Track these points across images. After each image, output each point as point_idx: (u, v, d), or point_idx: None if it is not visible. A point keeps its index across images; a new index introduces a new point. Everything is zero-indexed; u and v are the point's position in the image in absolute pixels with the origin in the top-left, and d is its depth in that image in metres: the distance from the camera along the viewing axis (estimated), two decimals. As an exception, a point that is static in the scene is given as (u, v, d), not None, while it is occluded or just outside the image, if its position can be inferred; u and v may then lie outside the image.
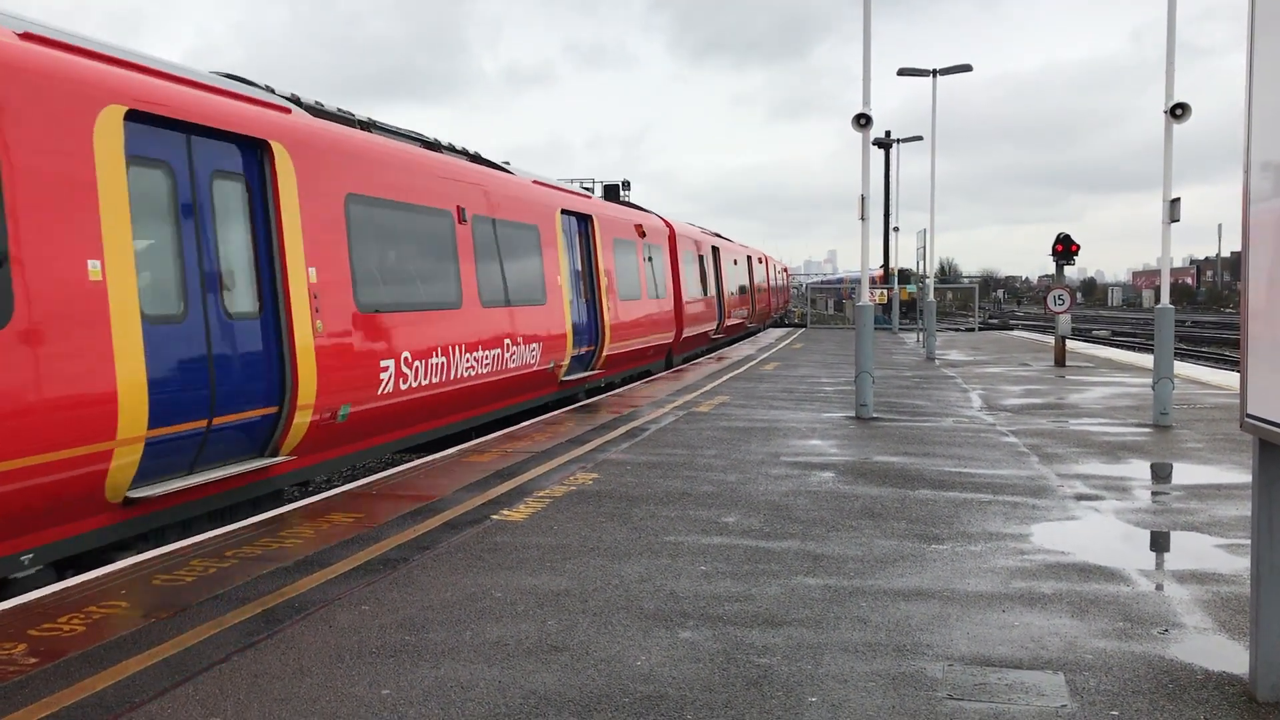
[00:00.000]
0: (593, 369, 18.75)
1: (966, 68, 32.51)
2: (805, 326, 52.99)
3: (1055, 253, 25.60)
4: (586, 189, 25.38)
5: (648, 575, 6.75)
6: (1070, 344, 30.33)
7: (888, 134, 51.35)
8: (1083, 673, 5.06)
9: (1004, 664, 5.17)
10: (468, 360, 13.10)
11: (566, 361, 16.99)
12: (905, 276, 49.32)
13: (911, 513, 8.67)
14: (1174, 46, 14.35)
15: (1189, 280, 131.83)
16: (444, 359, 12.45)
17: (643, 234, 23.15)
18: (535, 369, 15.56)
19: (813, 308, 63.19)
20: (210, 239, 8.81)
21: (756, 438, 12.84)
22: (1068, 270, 26.41)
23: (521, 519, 8.35)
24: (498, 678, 4.99)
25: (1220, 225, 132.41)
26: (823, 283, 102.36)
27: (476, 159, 15.36)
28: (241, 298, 9.18)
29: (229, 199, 9.15)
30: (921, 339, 33.83)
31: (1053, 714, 4.57)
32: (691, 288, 27.74)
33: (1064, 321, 25.84)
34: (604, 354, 19.10)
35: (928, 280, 36.28)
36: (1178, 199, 14.60)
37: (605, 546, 7.48)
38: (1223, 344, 46.93)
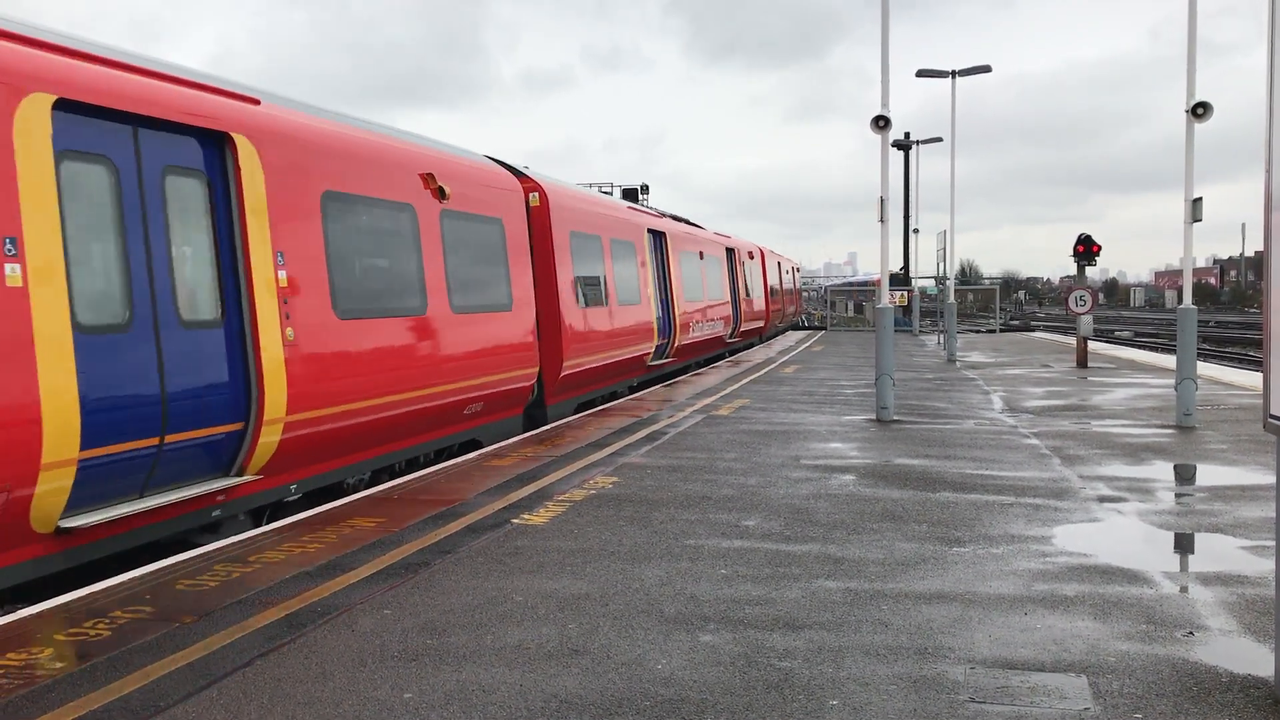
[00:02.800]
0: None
1: (986, 69, 32.38)
2: (825, 329, 52.90)
3: (1076, 253, 25.49)
4: (605, 192, 25.42)
5: (668, 579, 6.75)
6: (1092, 345, 30.15)
7: (907, 135, 51.21)
8: (1105, 675, 5.04)
9: (1026, 666, 5.15)
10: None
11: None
12: (897, 279, 46.97)
13: (933, 515, 8.65)
14: (1195, 45, 14.27)
15: (1212, 280, 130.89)
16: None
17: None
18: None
19: (832, 310, 63.07)
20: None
21: (777, 441, 12.82)
22: (1089, 271, 26.29)
23: (542, 523, 8.37)
24: (519, 681, 5.00)
25: (1243, 224, 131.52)
26: (843, 284, 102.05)
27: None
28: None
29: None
30: (942, 341, 33.69)
31: (1075, 717, 4.55)
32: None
33: (1086, 322, 25.70)
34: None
35: (948, 282, 36.14)
36: (1200, 199, 14.51)
37: (626, 550, 7.49)
38: (1246, 344, 46.55)
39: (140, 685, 4.95)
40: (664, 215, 26.75)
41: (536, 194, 15.96)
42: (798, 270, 63.39)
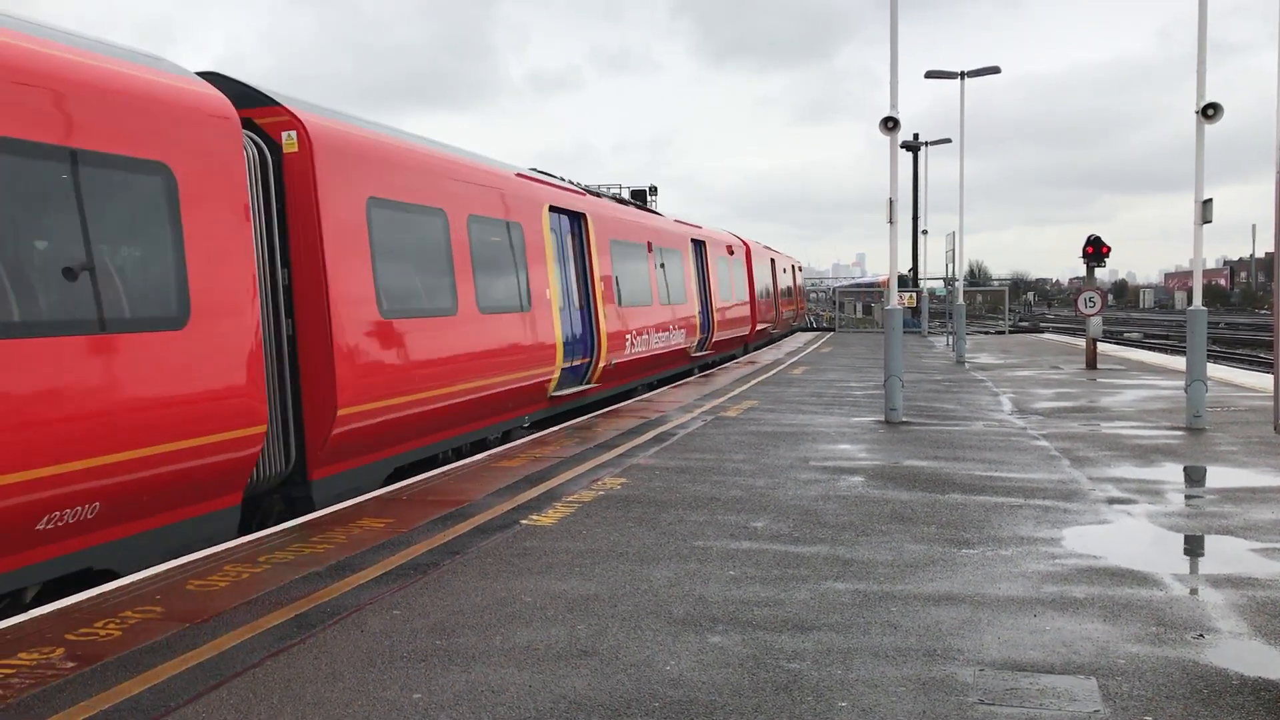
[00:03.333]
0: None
1: (994, 70, 32.34)
2: (834, 330, 52.85)
3: (1086, 254, 25.41)
4: (615, 195, 25.41)
5: (676, 580, 6.75)
6: (1102, 346, 30.08)
7: (915, 137, 51.15)
8: (1115, 678, 5.03)
9: (1035, 669, 5.15)
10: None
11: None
12: (904, 280, 45.96)
13: (942, 517, 8.63)
14: (1205, 45, 14.22)
15: (1222, 281, 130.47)
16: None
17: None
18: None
19: (841, 311, 63.02)
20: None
21: (785, 442, 12.82)
22: (1099, 272, 26.20)
23: (551, 524, 8.38)
24: (528, 682, 5.01)
25: (1254, 225, 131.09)
26: (851, 286, 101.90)
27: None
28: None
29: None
30: (951, 342, 33.64)
31: (1085, 719, 4.55)
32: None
33: (1095, 324, 25.63)
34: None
35: (957, 283, 36.07)
36: (1210, 200, 14.47)
37: (634, 551, 7.49)
38: (1257, 346, 46.40)
39: (150, 685, 4.97)
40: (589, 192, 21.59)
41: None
42: (799, 269, 56.26)
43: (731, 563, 7.18)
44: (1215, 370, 22.34)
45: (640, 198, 29.26)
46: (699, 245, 27.49)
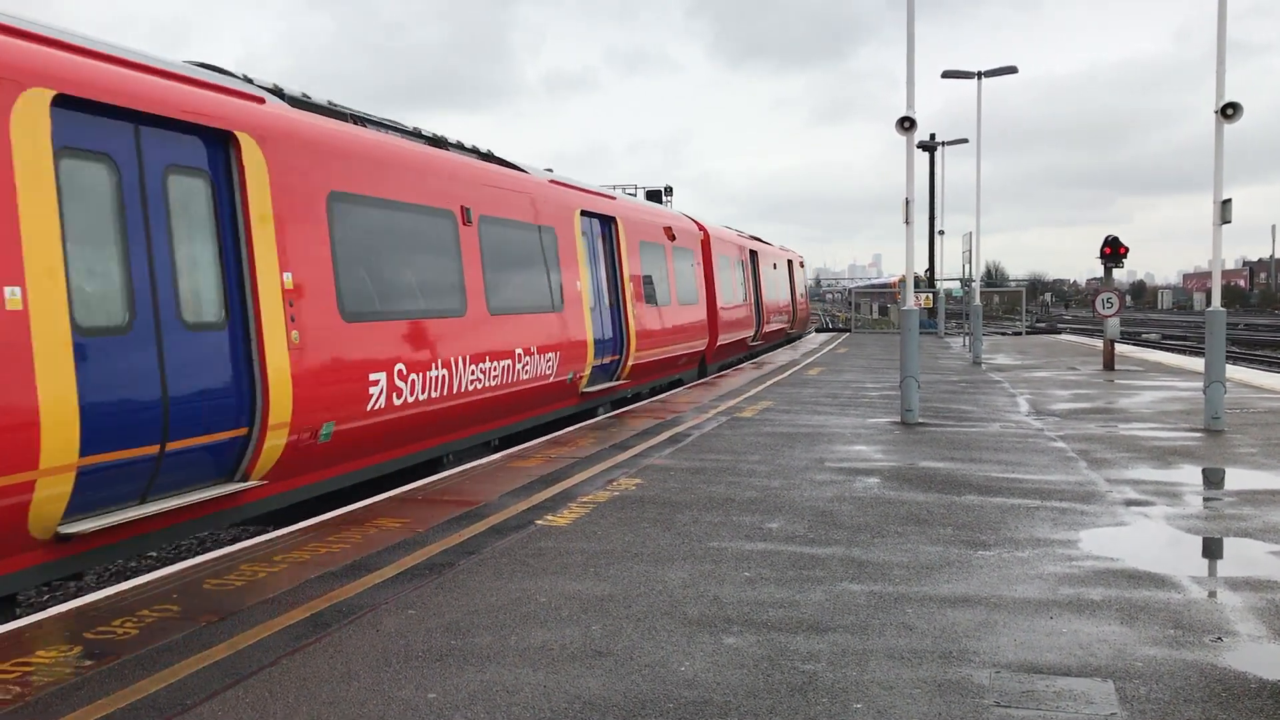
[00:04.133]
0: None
1: (1012, 69, 32.22)
2: (850, 331, 52.77)
3: (1103, 255, 25.29)
4: (629, 194, 25.39)
5: (691, 581, 6.75)
6: (1119, 348, 29.94)
7: (932, 137, 51.01)
8: (1133, 680, 5.00)
9: (1052, 671, 5.12)
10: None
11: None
12: (920, 281, 44.51)
13: (958, 518, 8.60)
14: (1224, 45, 14.13)
15: (1241, 282, 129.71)
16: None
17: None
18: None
19: (856, 312, 62.90)
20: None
21: (801, 443, 12.79)
22: (1116, 273, 26.05)
23: (565, 524, 8.38)
24: (543, 682, 5.01)
25: (1274, 226, 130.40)
26: (866, 287, 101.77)
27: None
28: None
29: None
30: (968, 343, 33.52)
31: (1102, 722, 4.52)
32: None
33: (1113, 325, 25.50)
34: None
35: (974, 284, 35.94)
36: (1229, 200, 14.38)
37: (649, 552, 7.49)
38: (1276, 347, 46.10)
39: (167, 684, 4.99)
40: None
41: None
42: (801, 265, 46.71)
43: (746, 564, 7.17)
44: (1234, 371, 22.21)
45: (655, 198, 29.25)
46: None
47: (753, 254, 32.51)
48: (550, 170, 17.72)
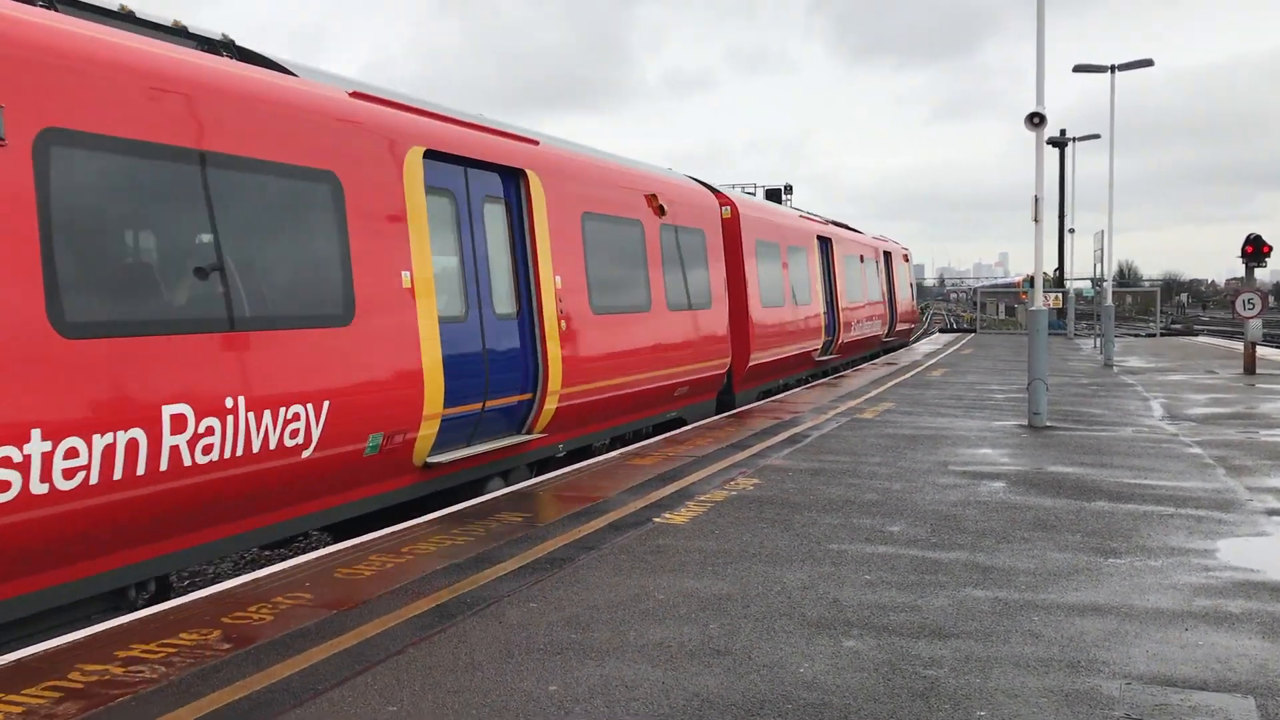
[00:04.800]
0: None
1: (1148, 62, 31.08)
2: (974, 331, 51.67)
3: (1245, 254, 24.32)
4: (749, 193, 25.32)
5: (810, 582, 6.71)
6: (1261, 350, 28.63)
7: (1062, 133, 49.56)
8: (1275, 698, 4.79)
9: (1187, 684, 4.95)
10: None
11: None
12: (1049, 280, 42.18)
13: (1087, 525, 8.36)
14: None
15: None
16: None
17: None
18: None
19: (982, 312, 61.52)
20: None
21: (923, 445, 12.59)
22: (1258, 272, 24.96)
23: (683, 522, 8.41)
24: (661, 678, 5.04)
25: None
26: (989, 287, 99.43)
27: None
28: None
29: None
30: (1099, 345, 32.50)
31: (1241, 739, 4.35)
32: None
33: (1254, 326, 24.46)
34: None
35: (1105, 283, 34.83)
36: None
37: (767, 552, 7.47)
38: None
39: (300, 669, 5.18)
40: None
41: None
42: (907, 259, 41.79)
43: (867, 567, 7.09)
44: (1388, 377, 21.04)
45: (775, 197, 29.09)
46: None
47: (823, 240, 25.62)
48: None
